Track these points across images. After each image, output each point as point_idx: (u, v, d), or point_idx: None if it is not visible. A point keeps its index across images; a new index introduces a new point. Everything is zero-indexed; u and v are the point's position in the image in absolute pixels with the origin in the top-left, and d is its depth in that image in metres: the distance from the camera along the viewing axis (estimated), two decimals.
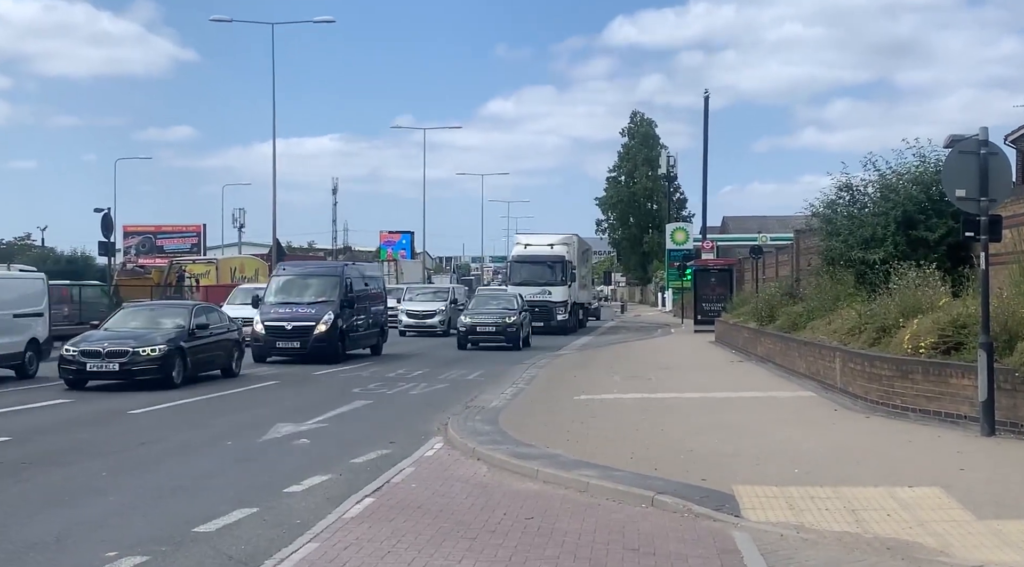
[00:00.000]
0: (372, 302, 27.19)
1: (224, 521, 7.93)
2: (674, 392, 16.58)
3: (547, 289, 38.58)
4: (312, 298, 24.88)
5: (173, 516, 8.16)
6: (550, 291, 38.59)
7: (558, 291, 38.84)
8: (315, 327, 23.92)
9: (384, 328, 28.09)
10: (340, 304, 24.49)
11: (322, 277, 25.84)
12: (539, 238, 42.16)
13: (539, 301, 37.56)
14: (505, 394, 16.50)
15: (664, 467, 9.59)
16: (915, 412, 12.29)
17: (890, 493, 8.33)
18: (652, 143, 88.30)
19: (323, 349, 23.88)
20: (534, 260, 39.85)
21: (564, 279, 39.07)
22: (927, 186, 16.84)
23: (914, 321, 12.98)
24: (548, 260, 39.52)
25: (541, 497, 8.84)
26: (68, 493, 9.11)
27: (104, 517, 8.18)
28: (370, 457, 10.89)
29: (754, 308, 24.85)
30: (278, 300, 24.93)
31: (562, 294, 38.91)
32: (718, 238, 59.21)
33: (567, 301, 39.13)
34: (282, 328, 24.03)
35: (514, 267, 40.38)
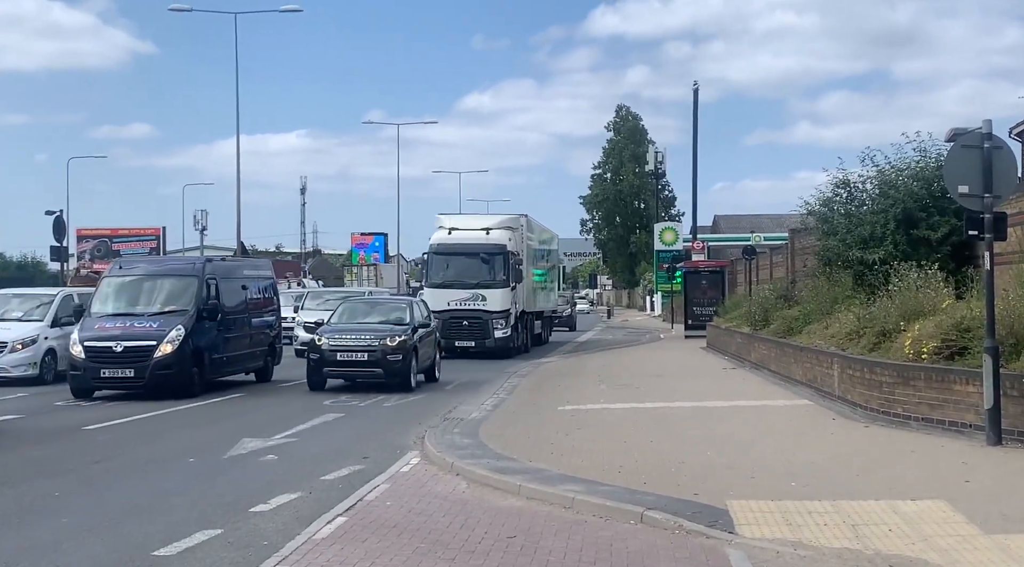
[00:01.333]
0: (255, 312, 21.80)
1: (186, 544, 7.87)
2: (664, 401, 16.61)
3: (480, 293, 29.27)
4: (157, 307, 19.30)
5: (131, 539, 8.09)
6: (484, 296, 29.27)
7: (496, 295, 29.33)
8: (156, 348, 18.18)
9: (276, 346, 22.83)
10: (197, 315, 19.06)
11: (173, 277, 20.07)
12: (470, 220, 32.20)
13: (468, 311, 29.19)
14: (486, 405, 16.49)
15: (654, 481, 9.60)
16: (917, 421, 12.35)
17: (892, 507, 8.36)
18: (639, 138, 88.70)
19: (168, 378, 18.18)
20: (462, 251, 29.95)
21: (506, 278, 29.57)
22: (928, 182, 16.94)
23: (915, 325, 13.05)
24: (482, 251, 29.76)
25: (524, 514, 8.83)
26: (17, 515, 9.02)
27: (57, 541, 8.10)
28: (342, 473, 10.84)
29: (747, 312, 24.95)
30: (108, 311, 19.29)
31: (502, 300, 29.36)
32: (709, 238, 59.47)
33: (509, 310, 29.51)
34: (108, 350, 18.09)
35: (433, 262, 30.35)
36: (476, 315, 29.22)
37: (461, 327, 29.02)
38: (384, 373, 19.37)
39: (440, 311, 27.46)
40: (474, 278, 29.74)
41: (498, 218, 31.82)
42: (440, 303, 28.28)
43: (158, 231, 73.43)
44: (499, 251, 29.75)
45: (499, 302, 29.32)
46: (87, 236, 71.14)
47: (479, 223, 31.21)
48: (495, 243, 29.88)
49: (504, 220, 31.51)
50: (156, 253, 69.93)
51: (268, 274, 23.88)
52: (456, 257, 30.06)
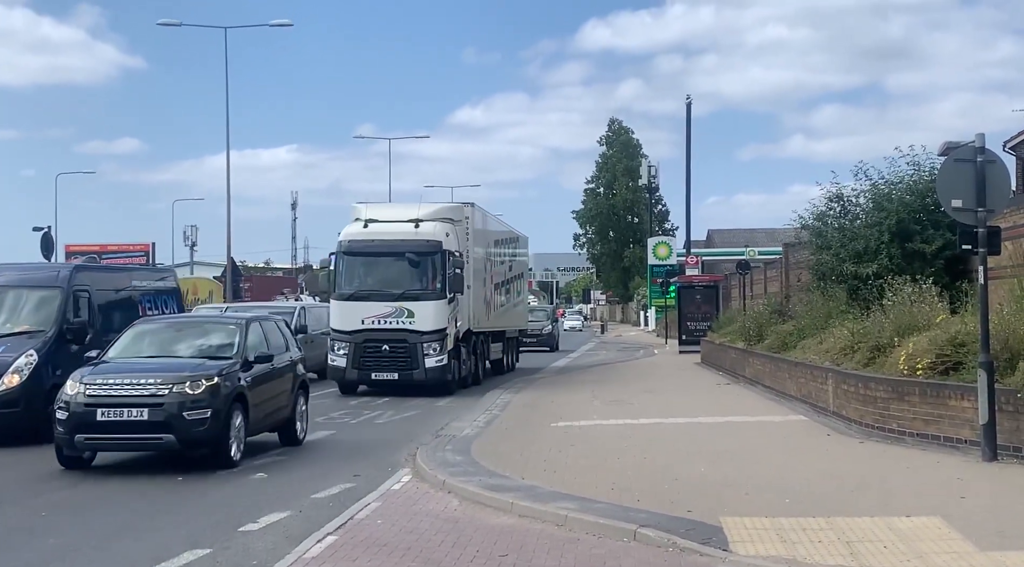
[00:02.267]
0: None
1: (174, 563, 7.85)
2: (658, 417, 16.60)
3: (406, 307, 21.92)
4: (8, 328, 15.51)
5: (118, 559, 8.06)
6: (411, 311, 21.90)
7: (427, 310, 21.89)
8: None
9: None
10: (58, 337, 15.27)
11: (29, 289, 16.11)
12: (395, 209, 24.46)
13: (389, 331, 21.90)
14: (478, 421, 16.47)
15: (647, 498, 9.59)
16: (912, 436, 12.36)
17: (887, 523, 8.36)
18: (632, 152, 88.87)
19: (13, 419, 14.44)
20: (381, 250, 22.62)
21: (441, 287, 22.09)
22: (922, 195, 17.00)
23: (910, 340, 13.08)
24: (410, 250, 22.34)
25: (516, 532, 8.81)
26: (3, 536, 8.98)
27: (44, 561, 8.07)
28: (332, 491, 10.81)
29: (742, 327, 24.98)
30: None
31: (435, 316, 21.96)
32: (703, 252, 59.68)
33: (445, 329, 22.01)
34: None
35: (344, 265, 22.86)
36: (400, 337, 21.86)
37: (380, 354, 21.97)
38: (178, 440, 11.95)
39: (352, 331, 22.00)
40: (397, 287, 22.27)
41: (433, 207, 24.02)
42: (352, 321, 22.15)
43: (147, 247, 73.24)
44: (432, 250, 22.23)
45: (431, 319, 21.86)
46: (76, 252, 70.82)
47: (406, 213, 23.24)
48: (427, 239, 22.30)
49: (441, 209, 23.83)
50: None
51: (168, 285, 19.52)
52: (374, 258, 22.71)
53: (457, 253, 22.91)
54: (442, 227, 22.89)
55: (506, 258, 29.56)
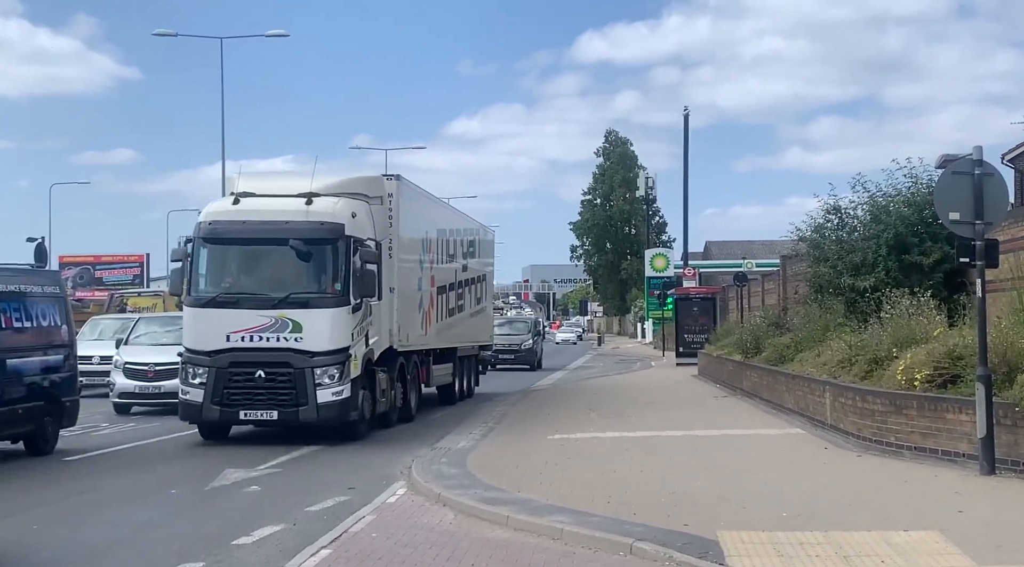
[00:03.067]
0: (20, 349, 14.58)
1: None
2: (655, 430, 16.59)
3: (290, 318, 15.88)
4: None
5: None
6: (298, 323, 15.86)
7: (321, 322, 15.89)
8: None
9: (63, 400, 15.32)
10: None
11: None
12: (279, 180, 18.15)
13: (266, 352, 15.87)
14: (474, 434, 16.45)
15: (644, 511, 9.58)
16: (910, 450, 12.36)
17: (884, 538, 8.35)
18: (629, 164, 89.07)
19: None
20: (255, 235, 16.46)
21: (342, 288, 16.08)
22: (920, 208, 17.03)
23: (908, 352, 13.08)
24: (296, 236, 16.02)
25: (511, 545, 8.79)
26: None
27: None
28: (327, 504, 10.79)
29: (739, 339, 24.96)
30: None
31: (332, 329, 15.92)
32: (700, 264, 59.62)
33: (347, 348, 15.98)
34: None
35: (202, 257, 16.71)
36: (281, 360, 15.72)
37: (252, 384, 15.74)
38: None
39: (213, 352, 15.77)
40: (279, 288, 16.04)
41: (335, 177, 17.43)
42: (212, 337, 15.84)
43: (142, 258, 73.22)
44: (330, 236, 15.92)
45: (327, 334, 15.72)
46: (70, 263, 70.83)
47: (296, 185, 16.72)
48: (322, 221, 15.98)
49: (348, 181, 17.31)
50: (140, 281, 69.75)
51: (50, 291, 15.65)
52: (244, 248, 16.54)
53: (369, 242, 16.51)
54: (347, 205, 16.31)
55: (459, 254, 23.57)
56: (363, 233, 16.57)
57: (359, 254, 16.15)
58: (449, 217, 23.62)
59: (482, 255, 26.69)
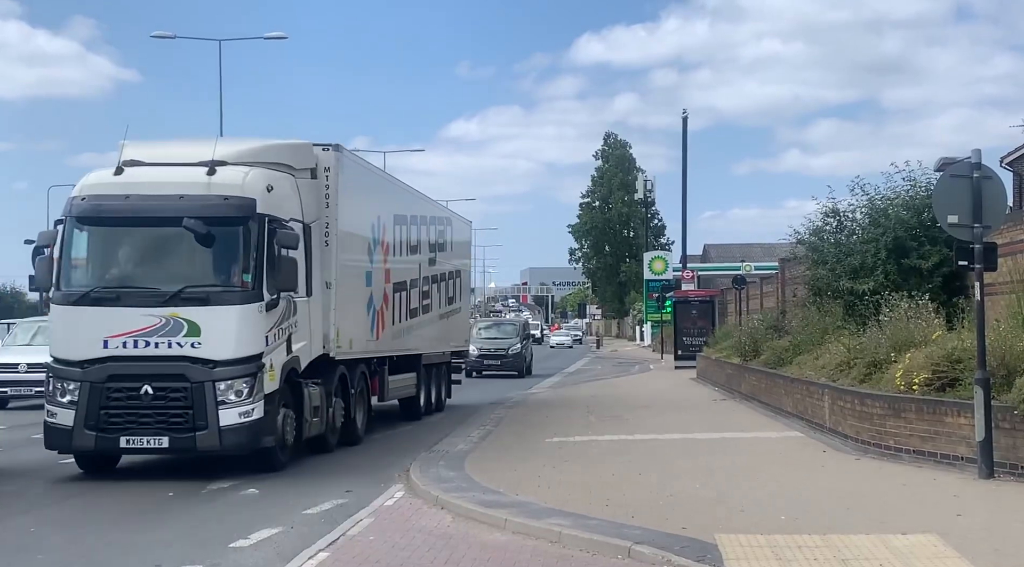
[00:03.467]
0: None
1: None
2: (653, 433, 16.59)
3: (183, 318, 12.62)
4: None
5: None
6: (194, 324, 12.60)
7: (226, 322, 12.71)
8: None
9: None
10: None
11: None
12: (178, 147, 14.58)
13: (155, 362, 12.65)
14: (472, 437, 16.44)
15: (642, 515, 9.58)
16: (909, 453, 12.37)
17: (883, 541, 8.36)
18: (628, 166, 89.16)
19: None
20: (140, 213, 13.07)
21: (256, 280, 12.84)
22: (919, 211, 17.04)
23: (906, 356, 13.09)
24: (192, 213, 12.73)
25: (510, 549, 8.79)
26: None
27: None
28: (324, 507, 10.78)
29: (737, 342, 24.97)
30: None
31: (240, 331, 12.72)
32: (699, 267, 59.60)
33: (260, 356, 12.79)
34: None
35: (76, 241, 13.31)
36: (173, 371, 12.63)
37: (137, 403, 12.63)
38: None
39: (87, 362, 12.69)
40: (169, 280, 12.99)
41: (248, 144, 14.37)
42: (87, 343, 12.76)
43: None
44: (236, 215, 12.89)
45: (232, 337, 12.68)
46: None
47: (196, 151, 13.70)
48: (227, 195, 12.96)
49: (261, 149, 14.22)
50: None
51: None
52: (126, 229, 13.38)
53: (293, 223, 13.46)
54: (261, 177, 13.23)
55: (425, 246, 20.63)
56: (283, 212, 13.29)
57: (277, 238, 12.90)
58: (411, 202, 20.09)
59: (456, 248, 23.78)
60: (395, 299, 18.32)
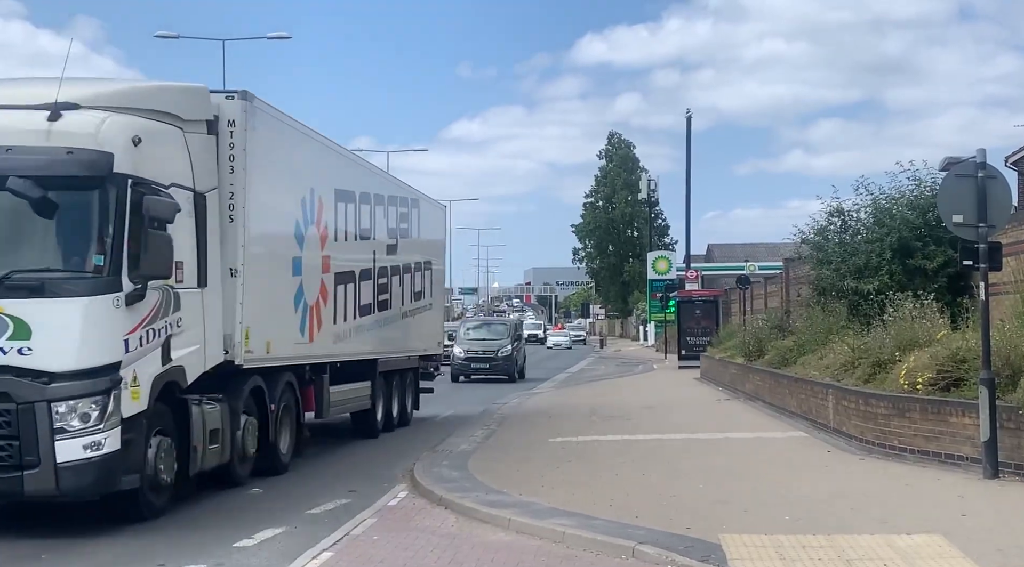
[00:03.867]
0: None
1: None
2: (657, 433, 16.59)
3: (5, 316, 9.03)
4: None
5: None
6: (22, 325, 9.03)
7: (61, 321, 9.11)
8: None
9: None
10: None
11: None
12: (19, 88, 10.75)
13: None
14: (475, 437, 16.45)
15: (646, 515, 9.58)
16: (913, 453, 12.36)
17: (887, 541, 8.35)
18: (631, 166, 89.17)
19: None
20: None
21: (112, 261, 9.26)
22: (923, 211, 17.03)
23: (911, 356, 13.08)
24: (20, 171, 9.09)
25: (513, 549, 8.80)
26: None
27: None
28: (328, 507, 10.80)
29: (741, 342, 24.96)
30: None
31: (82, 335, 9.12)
32: (703, 267, 59.63)
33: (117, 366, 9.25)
34: None
35: None
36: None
37: None
38: None
39: None
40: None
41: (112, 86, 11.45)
42: None
43: None
44: (84, 174, 9.37)
45: (75, 342, 9.18)
46: None
47: (39, 92, 10.02)
48: (70, 147, 9.40)
49: (131, 91, 10.95)
50: None
51: None
52: None
53: (170, 189, 10.25)
54: (125, 125, 9.86)
55: (381, 230, 17.58)
56: (158, 173, 10.06)
57: (145, 207, 9.56)
58: (360, 177, 16.59)
59: (425, 236, 20.54)
60: (338, 293, 15.04)
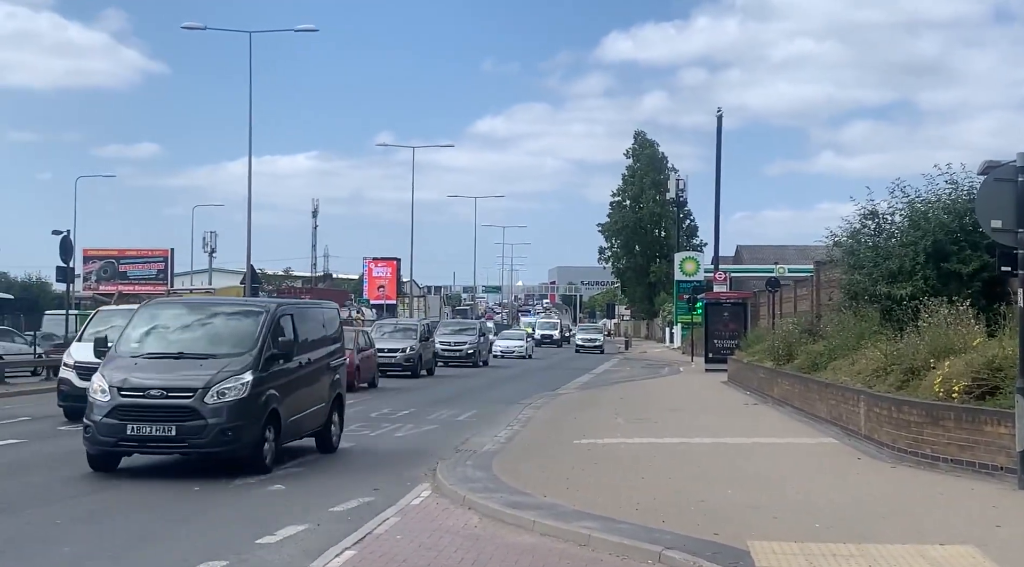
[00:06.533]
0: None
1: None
2: (683, 437, 16.55)
3: None
4: None
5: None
6: None
7: None
8: None
9: None
10: None
11: None
12: None
13: None
14: (499, 437, 16.46)
15: (673, 519, 9.56)
16: (946, 462, 12.27)
17: (919, 551, 8.30)
18: (659, 165, 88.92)
19: None
20: None
21: None
22: (960, 215, 16.89)
23: (945, 362, 12.99)
24: None
25: (537, 551, 8.80)
26: (18, 544, 9.04)
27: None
28: (351, 505, 10.84)
29: (770, 346, 24.86)
30: None
31: None
32: (731, 269, 59.38)
33: None
34: None
35: None
36: None
37: None
38: None
39: None
40: None
41: None
42: None
43: (166, 252, 73.63)
44: None
45: None
46: (94, 257, 71.44)
47: None
48: None
49: None
50: (164, 276, 70.11)
51: None
52: None
53: None
54: None
55: None
56: None
57: None
58: None
59: None
60: None
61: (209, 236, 79.62)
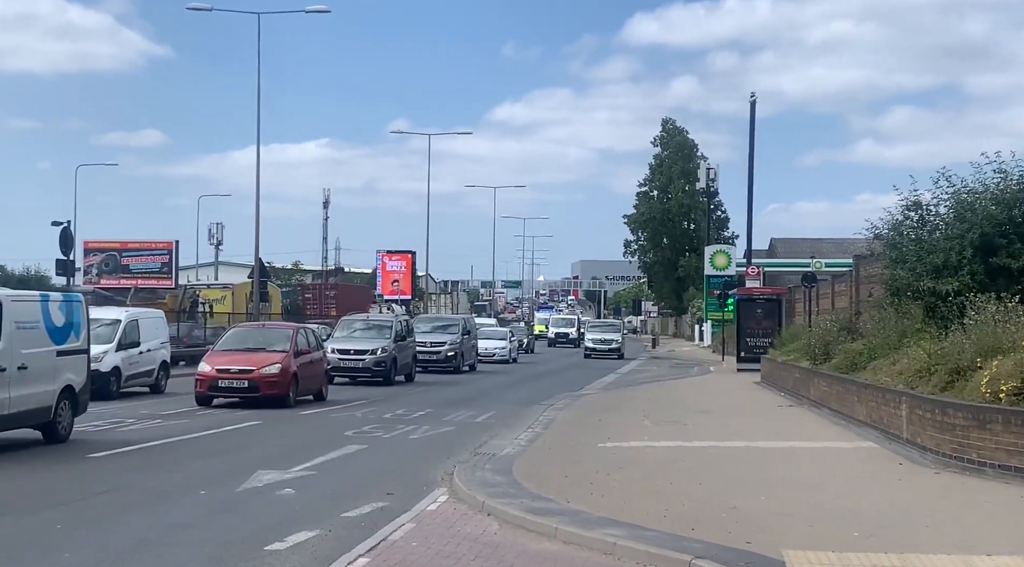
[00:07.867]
0: None
1: None
2: (714, 440, 16.52)
3: None
4: None
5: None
6: None
7: None
8: None
9: None
10: None
11: None
12: None
13: None
14: (520, 440, 16.48)
15: (703, 527, 9.54)
16: (994, 468, 12.20)
17: (965, 562, 8.26)
18: (688, 154, 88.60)
19: None
20: None
21: None
22: (1009, 206, 16.79)
23: (993, 362, 12.92)
24: None
25: (560, 559, 8.80)
26: (15, 549, 9.10)
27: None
28: (364, 510, 10.86)
29: (806, 344, 24.80)
30: None
31: None
32: (765, 263, 59.12)
33: None
34: None
35: None
36: None
37: None
38: None
39: None
40: None
41: None
42: None
43: (170, 244, 73.78)
44: None
45: None
46: (95, 249, 71.60)
47: None
48: None
49: None
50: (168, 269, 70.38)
51: None
52: None
53: None
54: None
55: None
56: None
57: None
58: None
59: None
60: None
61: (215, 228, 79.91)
